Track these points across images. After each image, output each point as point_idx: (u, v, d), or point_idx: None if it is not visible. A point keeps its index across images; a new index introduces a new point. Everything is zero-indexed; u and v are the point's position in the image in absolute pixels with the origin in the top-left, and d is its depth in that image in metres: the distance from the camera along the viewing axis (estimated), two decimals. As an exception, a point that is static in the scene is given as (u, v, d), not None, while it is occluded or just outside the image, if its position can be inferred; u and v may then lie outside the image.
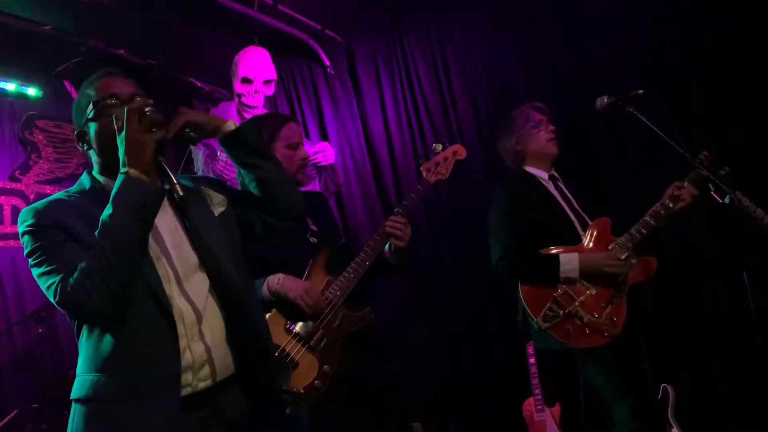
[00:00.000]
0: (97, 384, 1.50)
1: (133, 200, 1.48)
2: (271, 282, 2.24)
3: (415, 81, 4.55)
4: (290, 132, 2.49)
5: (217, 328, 1.61)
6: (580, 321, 2.51)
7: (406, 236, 2.45)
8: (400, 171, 4.56)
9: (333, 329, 2.28)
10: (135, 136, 1.51)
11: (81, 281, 1.44)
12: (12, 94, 4.11)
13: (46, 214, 1.56)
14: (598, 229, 2.69)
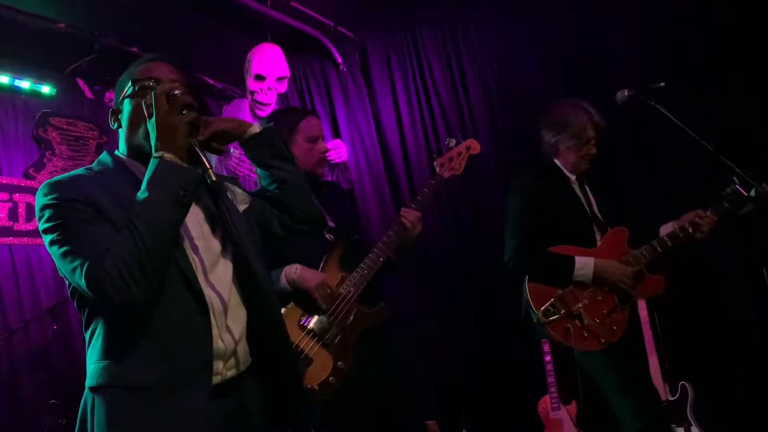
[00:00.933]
0: (122, 371, 1.45)
1: (172, 185, 1.43)
2: (288, 271, 2.24)
3: (428, 77, 4.52)
4: (309, 125, 2.48)
5: (241, 318, 1.61)
6: (580, 323, 2.50)
7: (417, 230, 2.43)
8: (413, 168, 4.53)
9: (347, 325, 2.27)
10: (166, 120, 1.47)
11: (116, 265, 1.37)
12: (26, 91, 4.13)
13: (72, 187, 1.49)
14: (615, 237, 2.67)
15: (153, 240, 1.40)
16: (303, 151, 2.45)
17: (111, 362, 1.46)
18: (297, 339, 2.19)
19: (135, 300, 1.40)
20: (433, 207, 4.25)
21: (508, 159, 4.12)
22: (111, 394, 1.45)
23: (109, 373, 1.46)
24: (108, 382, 1.46)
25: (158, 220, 1.42)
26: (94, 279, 1.38)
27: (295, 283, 2.22)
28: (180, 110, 1.48)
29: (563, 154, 2.76)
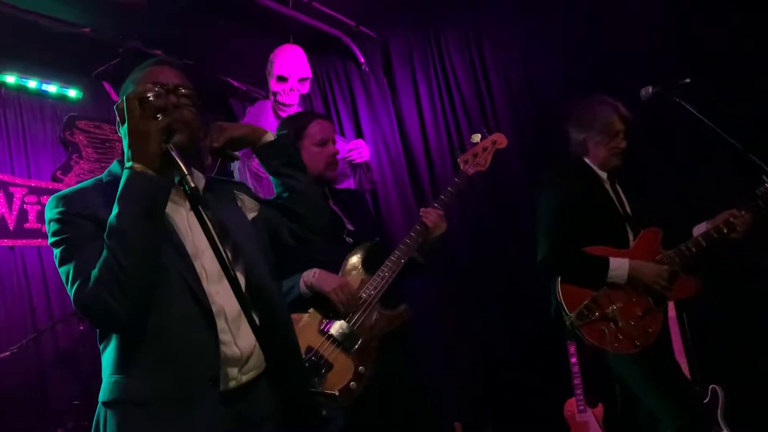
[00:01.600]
0: (132, 386, 1.45)
1: (139, 196, 1.40)
2: (306, 276, 2.23)
3: (451, 76, 4.48)
4: (317, 129, 2.47)
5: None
6: (614, 325, 2.44)
7: (440, 229, 2.40)
8: (435, 167, 4.50)
9: (368, 329, 2.25)
10: (137, 127, 1.41)
11: (96, 289, 1.37)
12: (53, 95, 4.19)
13: (77, 201, 1.48)
14: (649, 237, 2.61)
15: (126, 256, 1.38)
16: (311, 155, 2.44)
17: (120, 377, 1.47)
18: (318, 344, 2.18)
19: (118, 318, 1.40)
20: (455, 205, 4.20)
21: (531, 158, 4.06)
22: (120, 410, 1.46)
23: (119, 389, 1.46)
24: (117, 397, 1.46)
25: (129, 235, 1.39)
26: (79, 305, 1.40)
27: (313, 287, 2.21)
28: (153, 115, 1.42)
29: (592, 151, 2.70)
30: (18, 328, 3.70)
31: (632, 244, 2.60)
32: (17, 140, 4.07)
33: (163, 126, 1.42)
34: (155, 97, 1.45)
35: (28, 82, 4.07)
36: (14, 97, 4.09)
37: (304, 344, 2.17)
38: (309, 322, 2.23)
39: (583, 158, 2.74)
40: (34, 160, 4.14)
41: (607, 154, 2.68)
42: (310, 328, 2.22)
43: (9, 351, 3.30)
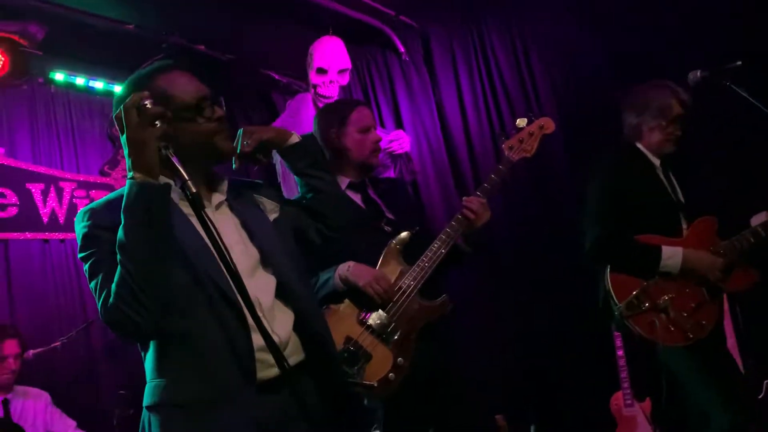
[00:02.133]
0: (168, 389, 1.48)
1: (137, 207, 1.40)
2: (341, 270, 2.22)
3: (492, 64, 4.41)
4: (360, 115, 2.46)
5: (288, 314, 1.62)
6: (665, 316, 2.36)
7: (483, 218, 2.36)
8: (477, 157, 4.44)
9: (407, 320, 2.22)
10: (135, 135, 1.39)
11: (116, 305, 1.39)
12: (100, 92, 4.29)
13: (102, 215, 1.49)
14: (704, 226, 2.52)
15: (135, 267, 1.39)
16: (356, 142, 2.43)
17: (161, 381, 1.50)
18: (356, 335, 2.17)
19: (143, 330, 1.42)
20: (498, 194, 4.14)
21: (576, 147, 3.97)
22: (163, 413, 1.49)
23: (160, 392, 1.49)
24: (159, 400, 1.49)
25: (133, 246, 1.39)
26: (106, 322, 1.43)
27: (347, 280, 2.20)
28: (151, 122, 1.39)
29: (646, 136, 2.61)
30: (69, 318, 3.82)
31: (685, 233, 2.51)
32: (66, 136, 4.20)
33: (161, 133, 1.40)
34: (152, 104, 1.41)
35: (76, 79, 4.18)
36: (63, 94, 4.22)
37: (343, 334, 2.17)
38: (347, 312, 2.22)
39: (636, 144, 2.64)
40: (82, 155, 4.26)
41: (662, 139, 2.59)
42: (348, 318, 2.21)
43: (59, 341, 3.40)
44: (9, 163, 3.87)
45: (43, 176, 3.99)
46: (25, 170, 3.93)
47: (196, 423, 1.46)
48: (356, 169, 2.46)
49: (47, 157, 4.08)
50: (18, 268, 3.77)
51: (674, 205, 2.56)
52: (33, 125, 4.07)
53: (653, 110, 2.58)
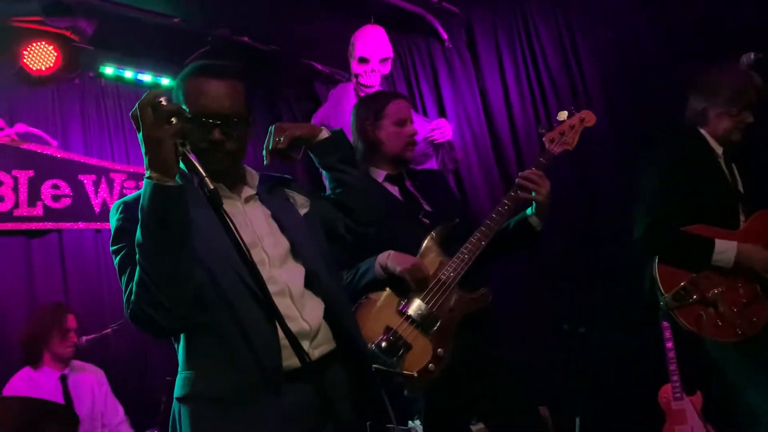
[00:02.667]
0: (200, 382, 1.50)
1: (154, 209, 1.39)
2: (381, 258, 2.23)
3: (537, 50, 4.32)
4: (397, 108, 2.45)
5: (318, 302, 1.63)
6: (714, 310, 2.29)
7: (543, 188, 2.31)
8: (522, 145, 4.36)
9: (447, 312, 2.21)
10: (150, 133, 1.38)
11: (137, 302, 1.41)
12: (148, 85, 4.38)
13: (135, 209, 1.47)
14: (763, 219, 2.42)
15: (152, 266, 1.39)
16: (391, 135, 2.42)
17: (191, 373, 1.53)
18: (396, 325, 2.17)
19: (165, 327, 1.44)
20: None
21: (625, 137, 3.87)
22: (193, 405, 1.51)
23: (190, 385, 1.52)
24: (189, 393, 1.52)
25: (149, 247, 1.40)
26: (130, 319, 1.45)
27: (387, 268, 2.20)
28: (166, 120, 1.38)
29: (713, 121, 2.51)
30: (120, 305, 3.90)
31: (742, 226, 2.41)
32: (116, 128, 4.30)
33: (177, 130, 1.38)
34: (167, 101, 1.40)
35: (125, 72, 4.28)
36: (113, 87, 4.33)
37: (382, 324, 2.17)
38: (387, 302, 2.22)
39: (699, 129, 2.54)
40: (132, 146, 4.35)
41: (731, 126, 2.48)
42: (388, 308, 2.21)
43: (111, 328, 3.50)
44: (62, 155, 4.00)
45: (95, 168, 4.11)
46: (78, 162, 4.05)
47: (223, 415, 1.48)
48: (391, 162, 2.46)
49: (98, 149, 4.19)
50: (72, 257, 3.90)
51: (733, 195, 2.47)
52: (84, 118, 4.19)
53: (725, 95, 2.47)
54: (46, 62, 3.83)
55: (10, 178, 3.76)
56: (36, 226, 3.82)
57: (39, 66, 3.82)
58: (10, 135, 3.80)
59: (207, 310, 1.50)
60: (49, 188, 3.88)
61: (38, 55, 3.80)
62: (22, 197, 3.78)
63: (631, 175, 3.05)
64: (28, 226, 3.79)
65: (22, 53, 3.77)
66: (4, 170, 3.76)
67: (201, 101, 1.58)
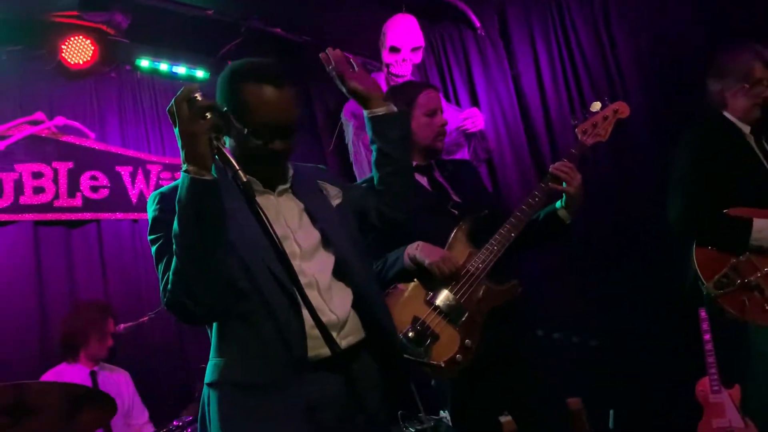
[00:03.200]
0: (228, 369, 1.55)
1: (190, 201, 1.42)
2: (410, 249, 2.22)
3: (572, 36, 4.24)
4: (427, 98, 2.44)
5: (347, 294, 1.65)
6: (759, 294, 2.24)
7: (575, 181, 2.29)
8: (556, 135, 4.30)
9: (475, 303, 2.20)
10: (186, 128, 1.42)
11: (173, 292, 1.45)
12: (182, 77, 4.43)
13: (172, 200, 1.50)
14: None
15: (187, 257, 1.43)
16: (421, 126, 2.41)
17: (221, 360, 1.57)
18: (424, 315, 2.17)
19: (199, 317, 1.49)
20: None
21: (662, 126, 3.78)
22: (222, 390, 1.55)
23: (220, 371, 1.56)
24: (219, 379, 1.56)
25: (185, 237, 1.43)
26: (166, 307, 1.49)
27: (415, 259, 2.20)
28: (201, 115, 1.41)
29: (731, 102, 2.50)
30: (157, 294, 3.98)
31: None
32: (152, 120, 4.37)
33: (212, 125, 1.41)
34: (202, 96, 1.43)
35: (160, 65, 4.33)
36: (148, 79, 4.39)
37: (410, 314, 2.18)
38: (415, 292, 2.22)
39: (722, 112, 2.52)
40: (168, 138, 4.41)
41: (748, 104, 2.47)
42: (416, 298, 2.21)
43: (148, 316, 3.58)
44: (100, 147, 4.08)
45: (132, 159, 4.19)
46: (115, 154, 4.13)
47: (250, 401, 1.51)
48: (421, 152, 2.45)
49: (135, 141, 4.26)
50: (110, 247, 3.98)
51: (766, 173, 2.42)
52: (121, 111, 4.26)
53: (735, 74, 2.47)
54: (83, 56, 3.90)
55: (51, 170, 3.86)
56: (75, 217, 3.90)
57: (77, 60, 3.90)
58: (50, 128, 3.89)
59: (238, 299, 1.53)
60: (88, 179, 3.97)
61: (76, 49, 3.88)
62: (62, 188, 3.87)
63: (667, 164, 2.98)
64: (68, 216, 3.88)
65: (61, 47, 3.85)
66: (45, 162, 3.85)
67: (264, 110, 1.59)
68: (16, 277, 3.63)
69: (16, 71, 3.88)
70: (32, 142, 3.82)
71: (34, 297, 3.65)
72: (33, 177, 3.79)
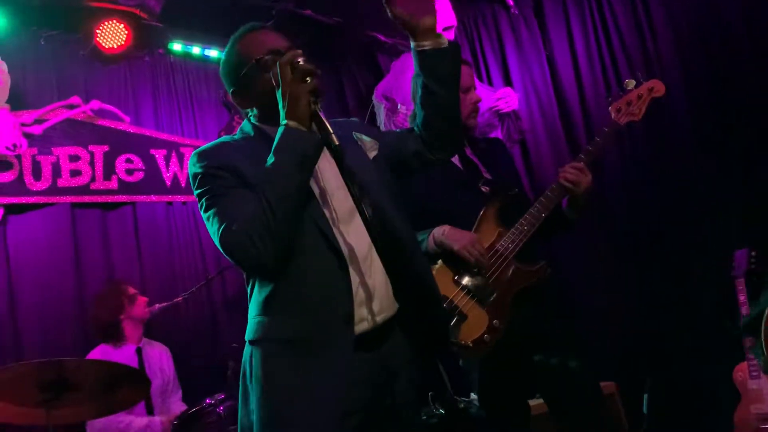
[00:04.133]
0: (273, 326, 1.55)
1: (294, 150, 1.51)
2: (436, 233, 2.20)
3: (608, 14, 4.15)
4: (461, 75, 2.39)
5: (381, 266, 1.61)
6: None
7: (582, 183, 2.25)
8: (591, 114, 4.22)
9: (504, 283, 2.18)
10: (290, 89, 1.52)
11: (245, 228, 1.48)
12: (214, 60, 4.45)
13: (216, 156, 1.61)
14: None
15: (279, 204, 1.48)
16: None
17: (264, 317, 1.57)
18: (452, 294, 2.16)
19: (264, 263, 1.50)
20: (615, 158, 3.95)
21: (701, 105, 3.67)
22: (265, 347, 1.57)
23: (263, 328, 1.57)
24: (262, 335, 1.57)
25: (284, 184, 1.50)
26: (226, 244, 1.51)
27: (442, 244, 2.18)
28: (302, 79, 1.52)
29: None
30: (191, 274, 4.06)
31: None
32: (185, 104, 4.41)
33: (312, 88, 1.52)
34: (305, 61, 1.52)
35: (192, 48, 4.37)
36: (181, 63, 4.43)
37: (439, 293, 2.16)
38: (442, 272, 2.21)
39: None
40: (201, 121, 4.46)
41: None
42: (443, 278, 2.19)
43: (182, 296, 3.64)
44: (134, 130, 4.14)
45: (166, 142, 4.24)
46: (149, 137, 4.19)
47: (295, 356, 1.53)
48: None
49: (168, 124, 4.31)
50: (145, 228, 4.05)
51: None
52: (155, 94, 4.31)
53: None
54: (117, 40, 3.94)
55: (87, 153, 3.93)
56: (111, 199, 3.97)
57: (111, 44, 3.94)
58: (86, 111, 3.95)
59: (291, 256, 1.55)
60: (123, 162, 4.03)
61: (110, 34, 3.92)
62: (98, 171, 3.94)
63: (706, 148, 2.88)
64: (104, 199, 3.95)
65: (95, 32, 3.89)
66: (81, 145, 3.92)
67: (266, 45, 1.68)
68: (56, 258, 3.72)
69: (52, 56, 3.95)
70: (69, 125, 3.89)
71: (73, 277, 3.74)
72: (70, 160, 3.87)
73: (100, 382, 2.64)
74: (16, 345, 3.51)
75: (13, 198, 3.67)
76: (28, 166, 3.73)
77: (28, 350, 3.46)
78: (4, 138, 3.61)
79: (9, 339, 3.51)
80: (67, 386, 2.52)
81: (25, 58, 3.86)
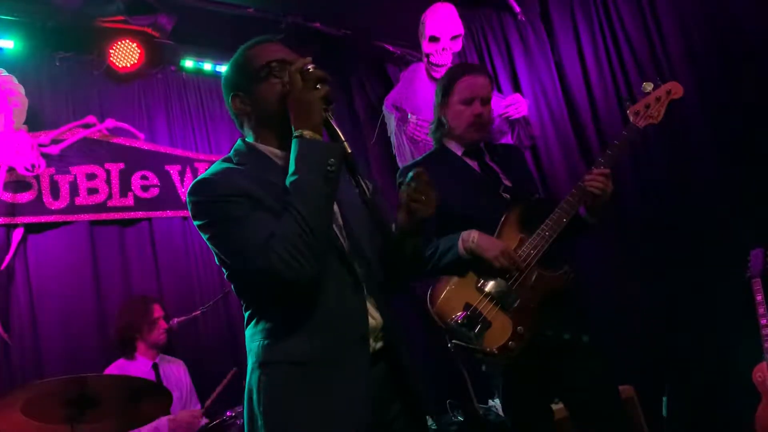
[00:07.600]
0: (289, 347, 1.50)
1: (318, 162, 1.47)
2: (465, 239, 2.21)
3: (615, 19, 4.14)
4: (466, 85, 2.41)
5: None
6: None
7: (608, 190, 2.26)
8: (601, 119, 4.21)
9: (527, 289, 2.19)
10: (301, 96, 1.50)
11: (286, 247, 1.42)
12: (226, 76, 4.49)
13: (225, 183, 1.52)
14: None
15: (314, 219, 1.45)
16: (454, 114, 2.41)
17: (274, 340, 1.52)
18: (476, 301, 2.17)
19: (307, 277, 1.45)
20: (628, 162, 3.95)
21: (714, 109, 3.67)
22: (276, 369, 1.51)
23: (274, 351, 1.51)
24: (273, 358, 1.51)
25: (315, 199, 1.46)
26: (265, 263, 1.42)
27: (473, 252, 2.19)
28: (314, 85, 1.50)
29: None
30: (208, 288, 4.09)
31: None
32: (199, 120, 4.46)
33: (324, 95, 1.50)
34: (314, 68, 1.50)
35: (204, 64, 4.43)
36: (193, 79, 4.48)
37: (462, 300, 2.18)
38: (466, 279, 2.22)
39: None
40: (214, 136, 4.50)
41: None
42: (467, 284, 2.21)
43: (200, 310, 3.66)
44: (149, 147, 4.19)
45: (180, 158, 4.28)
46: (164, 153, 4.23)
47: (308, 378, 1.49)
48: (458, 140, 2.44)
49: (182, 140, 4.36)
50: (162, 243, 4.08)
51: None
52: (168, 111, 4.36)
53: None
54: (130, 59, 4.01)
55: (103, 171, 3.98)
56: (128, 216, 4.02)
57: (124, 63, 4.01)
58: (102, 130, 4.01)
59: None
60: (139, 179, 4.08)
61: (123, 53, 3.98)
62: (114, 188, 3.98)
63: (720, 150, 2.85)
64: (121, 215, 4.00)
65: (109, 52, 3.96)
66: (98, 164, 3.97)
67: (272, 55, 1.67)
68: (75, 275, 3.76)
69: (68, 77, 4.01)
70: (85, 144, 3.95)
71: (93, 294, 3.78)
72: (87, 178, 3.92)
73: (121, 397, 2.65)
74: (38, 361, 3.54)
75: (33, 217, 3.72)
76: (46, 186, 3.78)
77: (51, 366, 3.50)
78: (23, 159, 3.66)
79: (31, 355, 3.55)
80: (90, 402, 2.53)
81: (41, 80, 3.92)
